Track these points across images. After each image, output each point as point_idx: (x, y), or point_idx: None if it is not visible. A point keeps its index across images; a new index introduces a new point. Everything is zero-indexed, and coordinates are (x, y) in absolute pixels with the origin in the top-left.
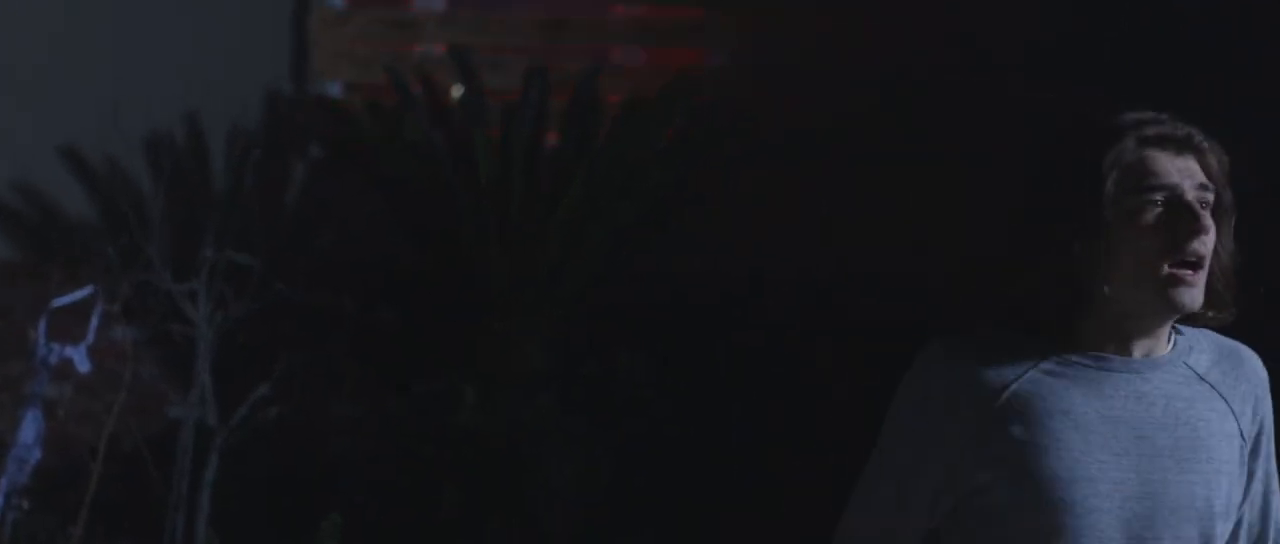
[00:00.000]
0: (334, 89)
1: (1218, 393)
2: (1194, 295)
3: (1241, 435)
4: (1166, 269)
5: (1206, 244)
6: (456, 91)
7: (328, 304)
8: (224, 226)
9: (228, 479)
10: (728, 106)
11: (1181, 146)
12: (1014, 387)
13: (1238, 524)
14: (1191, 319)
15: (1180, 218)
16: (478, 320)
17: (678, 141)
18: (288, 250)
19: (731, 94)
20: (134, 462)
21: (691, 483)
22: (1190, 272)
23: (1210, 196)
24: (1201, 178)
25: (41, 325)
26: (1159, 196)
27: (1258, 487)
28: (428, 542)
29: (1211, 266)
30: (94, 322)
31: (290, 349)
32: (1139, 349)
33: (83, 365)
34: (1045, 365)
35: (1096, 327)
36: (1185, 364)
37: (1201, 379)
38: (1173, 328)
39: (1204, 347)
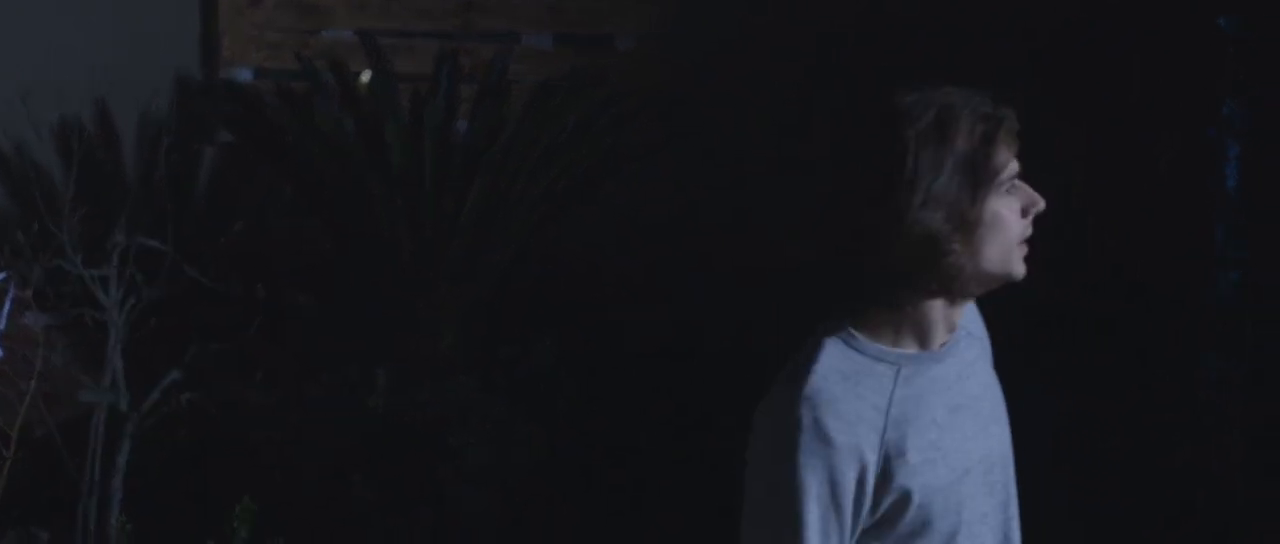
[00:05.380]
0: (244, 74)
1: (980, 340)
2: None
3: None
4: (1017, 247)
5: None
6: (366, 76)
7: (240, 290)
8: (135, 212)
9: (140, 464)
10: (638, 90)
11: (1011, 131)
12: (891, 412)
13: None
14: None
15: (1031, 202)
16: (391, 306)
17: (587, 125)
18: (199, 236)
19: (642, 77)
20: (46, 448)
21: (611, 465)
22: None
23: None
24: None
25: None
26: (1015, 183)
27: None
28: (343, 527)
29: None
30: (6, 308)
31: (202, 335)
32: (958, 327)
33: None
34: (902, 378)
35: (930, 314)
36: (960, 326)
37: (970, 333)
38: None
39: None
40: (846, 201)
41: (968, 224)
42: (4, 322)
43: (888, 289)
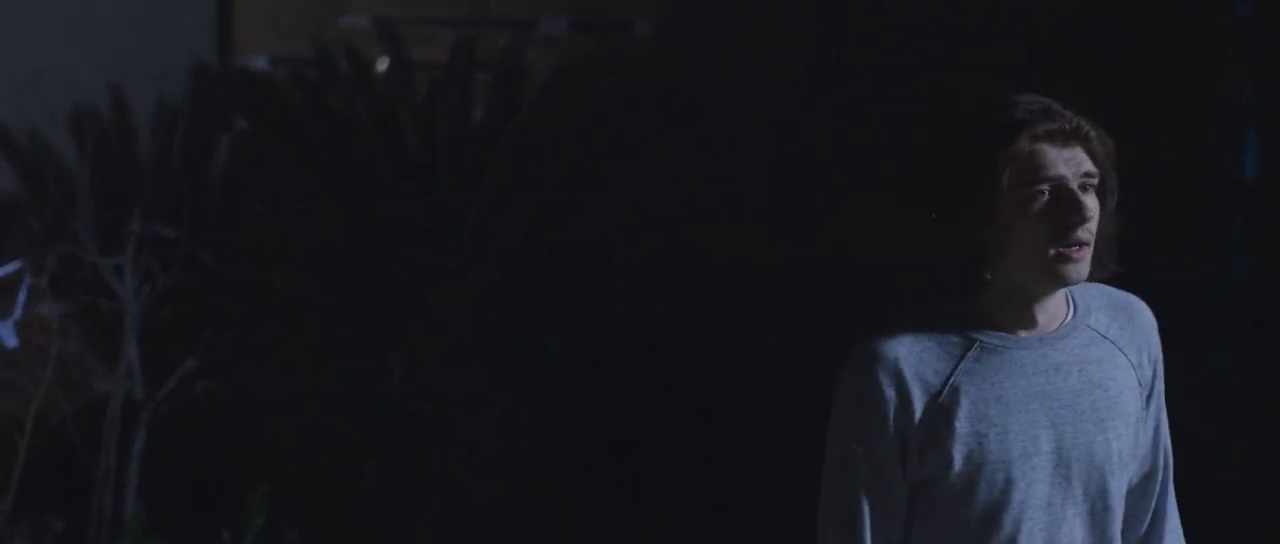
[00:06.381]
0: (259, 61)
1: (1118, 349)
2: (1079, 270)
3: (1139, 384)
4: (1053, 251)
5: (1089, 229)
6: (382, 64)
7: (254, 278)
8: (150, 200)
9: (156, 453)
10: (652, 79)
11: (1069, 138)
12: (951, 381)
13: (1141, 460)
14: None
15: (1066, 207)
16: (404, 293)
17: (600, 113)
18: (214, 224)
19: (657, 66)
20: (62, 436)
21: (612, 458)
22: (1075, 250)
23: (1095, 180)
24: (1087, 166)
25: None
26: (1046, 187)
27: (1150, 423)
28: (356, 514)
29: (1096, 237)
30: (21, 296)
31: (217, 323)
32: (1043, 318)
33: (10, 340)
34: (971, 355)
35: (999, 303)
36: (1088, 326)
37: (1104, 338)
38: (1068, 292)
39: (1099, 304)
40: (887, 199)
41: (991, 225)
42: (20, 310)
43: (941, 282)
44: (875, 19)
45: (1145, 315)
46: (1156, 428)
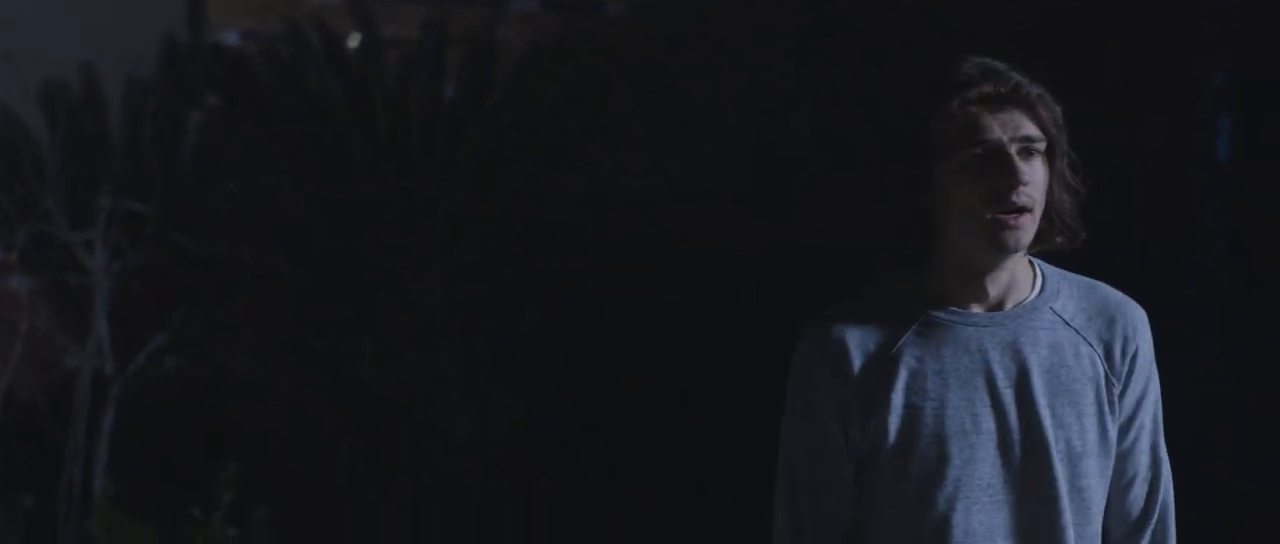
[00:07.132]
0: (231, 38)
1: (1083, 338)
2: (1018, 237)
3: (1105, 378)
4: (989, 215)
5: (1025, 193)
6: (354, 40)
7: (224, 254)
8: (121, 176)
9: (125, 429)
10: (627, 58)
11: (1005, 101)
12: (894, 350)
13: (1119, 463)
14: (1045, 250)
15: (1000, 171)
16: (378, 272)
17: (575, 92)
18: (184, 200)
19: (629, 44)
20: (32, 412)
21: (593, 434)
22: (1013, 216)
23: (1040, 145)
24: (1026, 129)
25: None
26: (980, 150)
27: (1133, 424)
28: (328, 494)
29: (1048, 203)
30: None
31: (187, 299)
32: (995, 292)
33: None
34: (918, 327)
35: (948, 276)
36: (1051, 309)
37: (1067, 324)
38: (1039, 273)
39: (1072, 292)
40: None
41: (929, 191)
42: None
43: (895, 254)
44: (860, 2)
45: (1127, 312)
46: (1140, 430)
